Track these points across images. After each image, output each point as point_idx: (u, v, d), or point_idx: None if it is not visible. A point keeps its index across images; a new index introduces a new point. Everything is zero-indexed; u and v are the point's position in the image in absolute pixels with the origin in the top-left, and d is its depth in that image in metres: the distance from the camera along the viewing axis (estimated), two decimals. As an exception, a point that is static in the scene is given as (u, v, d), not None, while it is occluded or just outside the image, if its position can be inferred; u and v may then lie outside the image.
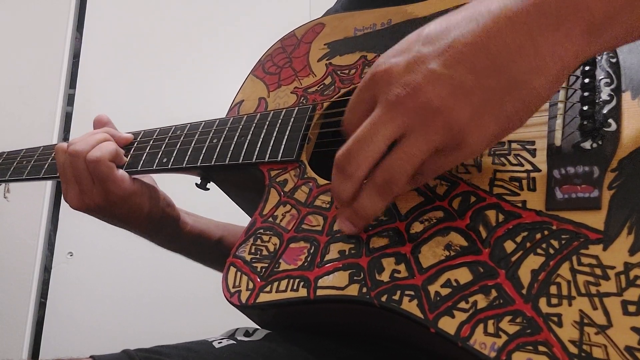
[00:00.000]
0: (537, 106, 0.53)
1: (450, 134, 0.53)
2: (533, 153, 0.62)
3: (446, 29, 0.54)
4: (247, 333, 0.71)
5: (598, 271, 0.52)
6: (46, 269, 2.16)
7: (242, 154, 0.82)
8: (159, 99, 2.23)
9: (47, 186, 2.20)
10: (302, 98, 0.86)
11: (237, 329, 0.73)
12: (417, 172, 0.58)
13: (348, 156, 0.58)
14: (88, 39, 2.41)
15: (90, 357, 0.60)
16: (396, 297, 0.58)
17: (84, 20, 2.44)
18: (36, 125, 2.29)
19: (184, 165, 0.87)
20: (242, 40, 2.20)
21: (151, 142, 0.94)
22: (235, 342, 0.67)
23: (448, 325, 0.54)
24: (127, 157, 0.93)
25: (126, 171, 0.91)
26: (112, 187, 0.89)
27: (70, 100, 2.35)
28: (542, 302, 0.52)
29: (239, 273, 0.70)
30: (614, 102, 0.60)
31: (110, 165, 0.89)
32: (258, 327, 0.74)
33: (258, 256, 0.70)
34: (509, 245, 0.57)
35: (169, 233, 1.03)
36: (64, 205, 2.16)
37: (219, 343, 0.66)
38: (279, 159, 0.78)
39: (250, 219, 0.76)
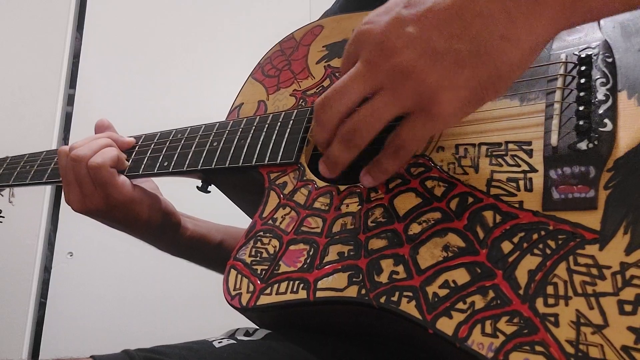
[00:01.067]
0: (511, 77, 0.54)
1: (419, 96, 0.55)
2: (530, 154, 0.62)
3: None
4: (247, 333, 0.71)
5: (594, 271, 0.52)
6: (46, 269, 2.16)
7: (242, 157, 0.82)
8: (158, 99, 2.23)
9: (47, 187, 2.20)
10: (301, 100, 0.87)
11: (237, 329, 0.73)
12: (399, 145, 0.60)
13: (323, 105, 0.62)
14: (88, 39, 2.41)
15: (90, 357, 0.60)
16: (395, 298, 0.58)
17: (84, 20, 2.44)
18: (36, 125, 2.29)
19: (185, 168, 0.88)
20: (242, 41, 2.20)
21: (152, 146, 0.94)
22: (235, 342, 0.67)
23: (446, 326, 0.54)
24: (128, 161, 0.94)
25: (128, 175, 0.92)
26: (113, 193, 0.89)
27: (70, 100, 2.35)
28: (539, 302, 0.52)
29: (239, 276, 0.70)
30: (609, 102, 0.60)
31: (112, 172, 0.89)
32: (258, 327, 0.74)
33: (258, 258, 0.70)
34: (506, 246, 0.57)
35: (169, 239, 1.04)
36: (64, 205, 2.16)
37: (219, 343, 0.66)
38: (278, 161, 0.79)
39: (250, 221, 0.76)
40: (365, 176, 0.67)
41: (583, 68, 0.64)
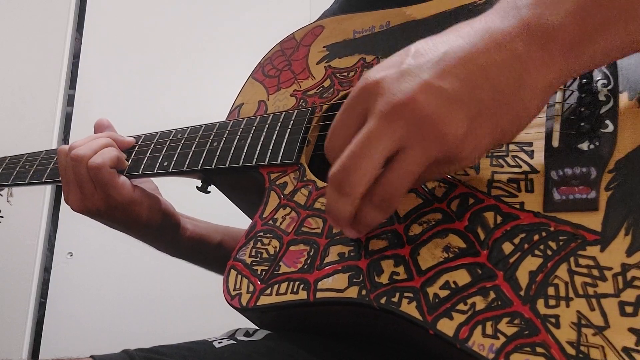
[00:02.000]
0: (526, 121, 0.54)
1: (447, 145, 0.52)
2: (531, 154, 0.62)
3: (434, 45, 0.54)
4: (247, 333, 0.71)
5: (595, 272, 0.52)
6: (46, 269, 2.16)
7: (242, 157, 0.82)
8: (158, 99, 2.23)
9: (47, 187, 2.20)
10: (302, 101, 0.87)
11: (237, 329, 0.74)
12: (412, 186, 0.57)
13: (344, 173, 0.54)
14: (88, 39, 2.41)
15: (90, 357, 0.60)
16: (395, 299, 0.58)
17: (84, 20, 2.44)
18: (36, 125, 2.29)
19: (184, 168, 0.88)
20: (243, 41, 2.20)
21: (152, 146, 0.94)
22: (235, 342, 0.67)
23: (447, 327, 0.54)
24: (128, 161, 0.94)
25: (128, 175, 0.92)
26: (112, 193, 0.89)
27: (70, 100, 2.35)
28: (540, 303, 0.52)
29: (239, 276, 0.70)
30: (611, 103, 0.60)
31: (112, 172, 0.89)
32: (258, 327, 0.74)
33: (258, 259, 0.70)
34: (507, 247, 0.57)
35: (169, 240, 1.04)
36: (64, 205, 2.16)
37: (219, 343, 0.66)
38: (278, 161, 0.79)
39: (251, 221, 0.76)
40: (348, 231, 0.61)
41: (584, 69, 0.64)
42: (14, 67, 2.40)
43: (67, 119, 2.33)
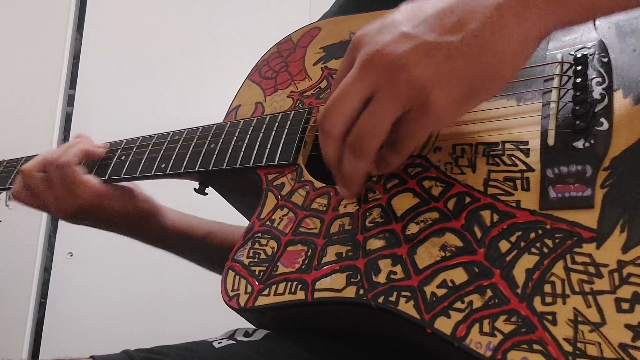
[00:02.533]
0: (503, 74, 0.55)
1: (415, 91, 0.54)
2: (526, 153, 0.62)
3: (419, 4, 0.57)
4: (246, 333, 0.71)
5: (591, 269, 0.52)
6: (46, 269, 2.16)
7: (240, 159, 0.82)
8: (158, 99, 2.23)
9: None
10: (298, 102, 0.87)
11: (237, 329, 0.74)
12: (396, 141, 0.60)
13: (325, 115, 0.60)
14: (88, 39, 2.41)
15: (90, 357, 0.61)
16: (393, 298, 0.59)
17: (84, 20, 2.44)
18: (36, 125, 2.29)
19: (182, 170, 0.88)
20: (242, 42, 2.20)
21: (150, 147, 0.94)
22: (235, 342, 0.67)
23: (444, 325, 0.55)
24: (127, 161, 0.94)
25: (125, 178, 0.93)
26: (79, 191, 0.92)
27: (70, 100, 2.35)
28: (537, 301, 0.53)
29: (237, 277, 0.70)
30: (605, 101, 0.61)
31: (76, 170, 0.93)
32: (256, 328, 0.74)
33: (256, 260, 0.71)
34: (504, 245, 0.57)
35: (151, 227, 1.04)
36: (63, 205, 2.16)
37: (218, 343, 0.66)
38: (275, 162, 0.79)
39: (248, 222, 0.77)
40: (340, 189, 0.67)
41: (579, 68, 0.64)
42: (14, 67, 2.40)
43: (67, 119, 2.33)
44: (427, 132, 0.60)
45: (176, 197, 1.09)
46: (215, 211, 1.12)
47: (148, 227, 1.04)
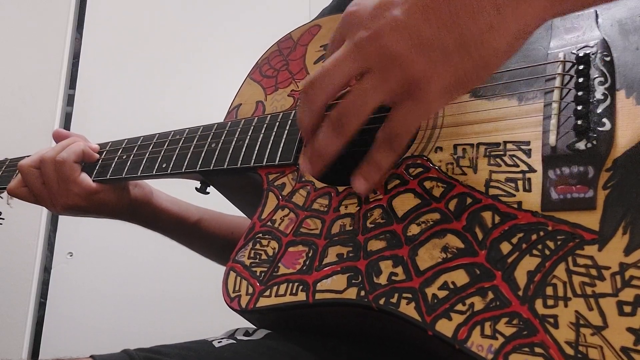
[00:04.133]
0: (496, 64, 0.54)
1: (406, 83, 0.54)
2: (528, 154, 0.62)
3: None
4: (247, 333, 0.71)
5: (593, 272, 0.52)
6: (46, 269, 2.16)
7: (241, 158, 0.82)
8: (158, 99, 2.23)
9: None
10: (299, 101, 0.86)
11: (237, 328, 0.73)
12: (389, 134, 0.59)
13: (310, 84, 0.60)
14: (88, 39, 2.41)
15: (90, 357, 0.60)
16: (394, 300, 0.58)
17: (84, 20, 2.44)
18: (36, 125, 2.29)
19: (183, 170, 0.88)
20: (242, 41, 2.20)
21: (150, 148, 0.94)
22: (235, 342, 0.67)
23: (445, 327, 0.55)
24: (129, 161, 0.95)
25: (127, 177, 0.94)
26: (73, 188, 0.95)
27: (70, 100, 2.35)
28: (538, 303, 0.52)
29: (238, 278, 0.70)
30: (608, 101, 0.60)
31: (74, 166, 0.96)
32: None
33: (257, 260, 0.70)
34: (505, 247, 0.57)
35: (145, 213, 1.09)
36: (63, 205, 2.16)
37: (219, 343, 0.66)
38: (276, 162, 0.79)
39: (249, 221, 0.76)
40: (358, 179, 0.63)
41: (581, 67, 0.64)
42: (14, 67, 2.40)
43: (67, 119, 2.33)
44: (418, 123, 0.59)
45: (178, 196, 1.10)
46: (216, 210, 1.13)
47: (142, 212, 1.08)
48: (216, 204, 1.06)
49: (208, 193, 0.93)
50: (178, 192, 1.10)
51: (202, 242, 1.17)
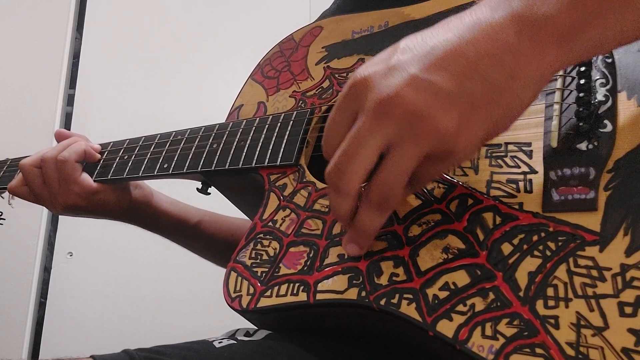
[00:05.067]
0: (519, 111, 0.53)
1: (439, 140, 0.51)
2: (529, 155, 0.62)
3: (422, 39, 0.53)
4: (247, 333, 0.71)
5: (594, 273, 0.52)
6: (46, 269, 2.16)
7: (242, 159, 0.82)
8: (158, 99, 2.23)
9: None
10: (301, 102, 0.87)
11: (237, 329, 0.74)
12: (412, 180, 0.56)
13: (338, 172, 0.55)
14: (88, 39, 2.41)
15: (90, 357, 0.60)
16: (395, 301, 0.58)
17: (84, 20, 2.44)
18: (36, 125, 2.29)
19: (184, 170, 0.88)
20: (242, 41, 2.20)
21: (152, 148, 0.94)
22: (235, 342, 0.67)
23: (446, 328, 0.55)
24: (130, 161, 0.95)
25: (128, 177, 0.94)
26: (74, 188, 0.95)
27: (70, 100, 2.35)
28: (539, 304, 0.52)
29: (239, 278, 0.70)
30: (609, 103, 0.60)
31: (75, 166, 0.96)
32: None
33: (258, 261, 0.70)
34: (506, 248, 0.57)
35: (145, 214, 1.09)
36: (64, 205, 2.16)
37: (219, 343, 0.66)
38: (278, 163, 0.79)
39: (250, 221, 0.76)
40: (349, 245, 0.63)
41: (583, 69, 0.64)
42: (14, 67, 2.40)
43: (67, 119, 2.33)
44: (447, 170, 0.59)
45: (179, 197, 1.10)
46: (217, 211, 1.13)
47: (142, 214, 1.08)
48: (216, 205, 1.06)
49: (209, 194, 0.93)
50: (179, 192, 1.10)
51: (202, 244, 1.17)
